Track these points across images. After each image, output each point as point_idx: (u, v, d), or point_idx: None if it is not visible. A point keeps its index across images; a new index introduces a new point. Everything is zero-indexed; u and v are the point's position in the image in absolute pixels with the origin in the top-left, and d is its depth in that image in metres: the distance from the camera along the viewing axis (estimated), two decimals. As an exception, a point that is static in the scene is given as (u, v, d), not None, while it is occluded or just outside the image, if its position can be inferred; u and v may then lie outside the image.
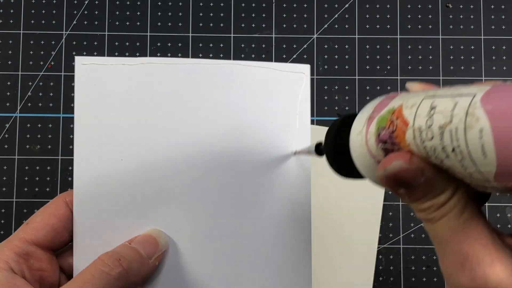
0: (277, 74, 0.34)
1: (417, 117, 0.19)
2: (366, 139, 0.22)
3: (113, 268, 0.29)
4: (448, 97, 0.18)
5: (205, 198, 0.33)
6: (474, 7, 0.50)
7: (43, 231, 0.31)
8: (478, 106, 0.17)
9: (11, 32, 0.49)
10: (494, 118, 0.16)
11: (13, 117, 0.48)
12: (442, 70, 0.49)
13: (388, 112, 0.21)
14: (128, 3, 0.49)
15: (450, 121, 0.17)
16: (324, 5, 0.50)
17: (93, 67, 0.33)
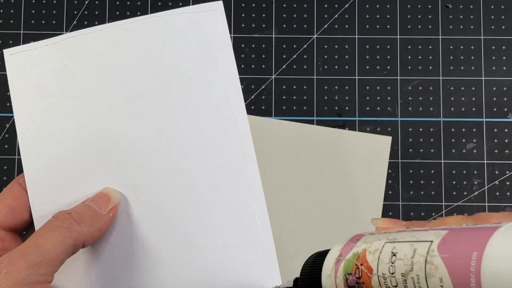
0: (189, 18, 0.34)
1: (380, 264, 0.20)
2: (336, 284, 0.22)
3: (64, 220, 0.30)
4: (408, 242, 0.19)
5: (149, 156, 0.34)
6: (474, 7, 0.50)
7: (1, 212, 0.32)
8: (436, 254, 0.17)
9: (11, 32, 0.49)
10: (452, 267, 0.17)
11: (13, 117, 0.48)
12: (442, 70, 0.49)
13: (353, 257, 0.21)
14: (128, 3, 0.49)
15: (411, 269, 0.18)
16: (324, 5, 0.50)
17: (21, 55, 0.35)
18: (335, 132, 0.48)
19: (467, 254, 0.16)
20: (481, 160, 0.48)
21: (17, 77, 0.34)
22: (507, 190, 0.48)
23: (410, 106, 0.49)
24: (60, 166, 0.34)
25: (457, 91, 0.49)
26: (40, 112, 0.34)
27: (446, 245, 0.17)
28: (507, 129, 0.48)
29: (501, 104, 0.49)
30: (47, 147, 0.34)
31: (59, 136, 0.34)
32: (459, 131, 0.48)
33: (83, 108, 0.34)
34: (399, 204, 0.47)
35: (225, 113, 0.34)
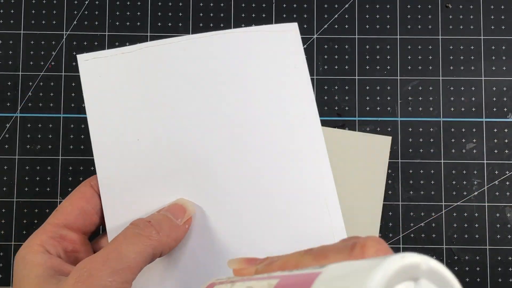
0: (267, 35, 0.35)
1: None
2: None
3: (144, 228, 0.29)
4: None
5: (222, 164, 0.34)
6: (473, 7, 0.50)
7: (72, 214, 0.32)
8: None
9: (11, 32, 0.49)
10: None
11: (14, 117, 0.48)
12: (442, 70, 0.49)
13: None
14: (128, 3, 0.49)
15: None
16: (324, 5, 0.50)
17: (95, 61, 0.35)
18: (335, 132, 0.48)
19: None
20: (481, 160, 0.48)
21: (91, 83, 0.34)
22: (506, 190, 0.48)
23: (410, 106, 0.49)
24: (134, 174, 0.34)
25: (457, 91, 0.49)
26: (115, 119, 0.34)
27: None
28: (507, 129, 0.48)
29: (501, 104, 0.49)
30: (122, 155, 0.34)
31: (135, 144, 0.34)
32: (459, 131, 0.48)
33: (159, 118, 0.34)
34: (399, 204, 0.47)
35: (301, 128, 0.34)
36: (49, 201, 0.47)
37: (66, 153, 0.48)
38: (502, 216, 0.47)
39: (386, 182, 0.47)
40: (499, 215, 0.47)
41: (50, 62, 0.48)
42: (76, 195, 0.33)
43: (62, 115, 0.48)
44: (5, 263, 0.46)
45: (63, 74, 0.48)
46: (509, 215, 0.48)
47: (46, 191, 0.47)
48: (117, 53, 0.34)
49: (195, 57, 0.34)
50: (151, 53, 0.34)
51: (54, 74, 0.48)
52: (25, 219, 0.47)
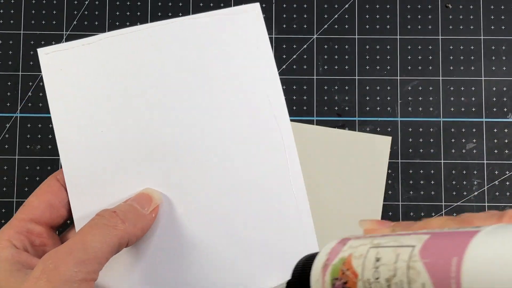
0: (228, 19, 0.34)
1: (365, 269, 0.20)
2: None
3: (109, 218, 0.30)
4: (391, 247, 0.19)
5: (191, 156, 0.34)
6: (473, 7, 0.50)
7: (39, 208, 0.32)
8: (418, 259, 0.17)
9: (11, 32, 0.49)
10: (434, 273, 0.17)
11: (14, 117, 0.48)
12: (442, 70, 0.49)
13: (340, 262, 0.21)
14: (128, 3, 0.49)
15: (395, 274, 0.18)
16: (324, 5, 0.50)
17: (56, 54, 0.34)
18: (334, 132, 0.48)
19: (447, 259, 0.16)
20: (481, 160, 0.48)
21: (53, 77, 0.34)
22: (507, 190, 0.48)
23: (410, 106, 0.49)
24: (100, 166, 0.34)
25: (457, 91, 0.49)
26: (78, 111, 0.34)
27: (428, 250, 0.18)
28: (507, 129, 0.48)
29: (501, 104, 0.49)
30: (86, 147, 0.34)
31: (99, 136, 0.34)
32: (459, 131, 0.48)
33: (123, 108, 0.34)
34: (399, 204, 0.47)
35: (266, 111, 0.34)
36: (49, 201, 0.47)
37: (66, 153, 0.48)
38: (502, 216, 0.47)
39: (386, 182, 0.47)
40: (499, 215, 0.47)
41: (50, 62, 0.48)
42: (43, 189, 0.33)
43: (62, 115, 0.48)
44: (5, 263, 0.46)
45: (63, 74, 0.48)
46: (509, 215, 0.47)
47: (46, 191, 0.47)
48: (77, 45, 0.34)
49: (156, 46, 0.34)
50: (112, 43, 0.34)
51: (54, 74, 0.48)
52: (25, 219, 0.47)
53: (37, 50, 0.34)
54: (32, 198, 0.33)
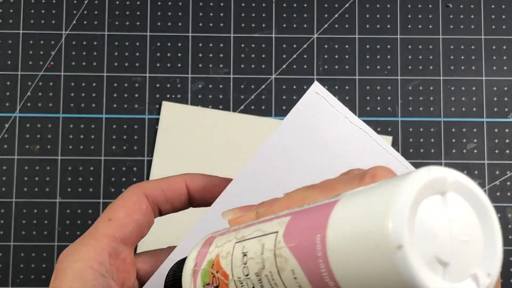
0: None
1: (234, 267, 0.18)
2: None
3: None
4: (255, 238, 0.18)
5: None
6: (474, 7, 0.49)
7: (129, 227, 0.27)
8: (283, 245, 0.16)
9: (10, 32, 0.49)
10: (300, 256, 0.15)
11: (13, 117, 0.48)
12: (442, 70, 0.49)
13: (208, 265, 0.20)
14: (127, 3, 0.49)
15: (263, 266, 0.17)
16: (324, 5, 0.50)
17: (322, 100, 0.31)
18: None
19: (311, 239, 0.15)
20: (481, 160, 0.48)
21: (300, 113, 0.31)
22: (507, 191, 0.47)
23: (410, 106, 0.48)
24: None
25: (457, 91, 0.49)
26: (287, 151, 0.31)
27: (290, 233, 0.16)
28: (507, 129, 0.48)
29: (501, 104, 0.48)
30: None
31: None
32: (459, 131, 0.48)
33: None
34: (400, 204, 0.47)
35: None
36: (48, 201, 0.47)
37: (65, 153, 0.47)
38: (503, 217, 0.47)
39: (387, 182, 0.47)
40: (500, 216, 0.47)
41: (49, 62, 0.48)
42: (132, 206, 0.28)
43: (61, 115, 0.48)
44: (5, 263, 0.46)
45: (62, 74, 0.48)
46: (510, 216, 0.47)
47: (45, 191, 0.47)
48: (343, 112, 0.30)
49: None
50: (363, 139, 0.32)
51: (53, 74, 0.48)
52: (24, 220, 0.47)
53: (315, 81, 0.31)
54: (119, 213, 0.28)
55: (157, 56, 0.49)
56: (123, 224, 0.27)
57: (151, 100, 0.48)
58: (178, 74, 0.49)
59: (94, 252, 0.25)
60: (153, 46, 0.49)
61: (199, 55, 0.49)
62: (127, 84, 0.48)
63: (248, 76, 0.49)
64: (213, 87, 0.48)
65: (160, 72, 0.49)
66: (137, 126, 0.48)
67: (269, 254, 0.17)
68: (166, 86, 0.48)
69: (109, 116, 0.48)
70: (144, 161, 0.48)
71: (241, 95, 0.48)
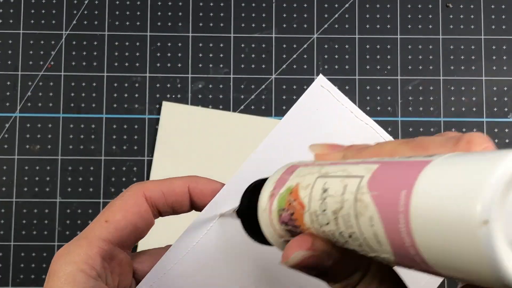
0: None
1: (312, 200, 0.18)
2: (271, 219, 0.21)
3: None
4: (339, 178, 0.18)
5: None
6: (474, 7, 0.49)
7: (126, 230, 0.27)
8: (365, 191, 0.16)
9: (10, 32, 0.49)
10: (382, 206, 0.15)
11: (13, 117, 0.48)
12: (442, 70, 0.49)
13: (287, 192, 0.20)
14: (128, 3, 0.49)
15: (342, 206, 0.17)
16: (324, 5, 0.50)
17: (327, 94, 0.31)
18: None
19: (396, 192, 0.15)
20: (481, 160, 0.48)
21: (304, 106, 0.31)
22: (507, 190, 0.48)
23: (410, 106, 0.48)
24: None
25: (457, 91, 0.49)
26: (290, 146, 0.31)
27: (376, 182, 0.16)
28: (507, 129, 0.48)
29: (501, 104, 0.48)
30: None
31: None
32: (459, 131, 0.48)
33: None
34: (400, 204, 0.47)
35: None
36: (48, 201, 0.47)
37: (65, 153, 0.47)
38: (503, 217, 0.47)
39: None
40: (500, 216, 0.47)
41: (50, 62, 0.48)
42: (131, 208, 0.27)
43: (61, 115, 0.48)
44: (5, 263, 0.46)
45: (62, 74, 0.48)
46: (510, 216, 0.47)
47: (45, 191, 0.47)
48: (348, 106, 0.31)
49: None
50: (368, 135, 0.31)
51: (53, 74, 0.48)
52: (24, 219, 0.47)
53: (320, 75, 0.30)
54: (117, 215, 0.27)
55: (157, 56, 0.49)
56: (120, 227, 0.27)
57: (151, 100, 0.48)
58: (178, 74, 0.49)
59: (86, 255, 0.25)
60: (153, 46, 0.49)
61: (199, 55, 0.49)
62: (127, 84, 0.48)
63: (248, 76, 0.49)
64: (213, 87, 0.48)
65: (160, 72, 0.49)
66: (137, 126, 0.48)
67: (350, 197, 0.17)
68: (166, 86, 0.48)
69: (109, 116, 0.48)
70: (144, 161, 0.48)
71: (241, 95, 0.48)
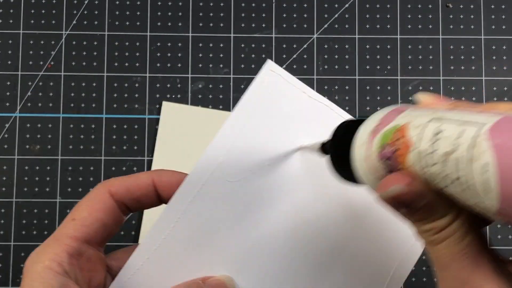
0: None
1: (422, 140, 0.18)
2: (370, 152, 0.21)
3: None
4: (456, 123, 0.18)
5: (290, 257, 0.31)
6: (474, 7, 0.49)
7: (92, 227, 0.28)
8: (485, 138, 0.16)
9: (10, 32, 0.49)
10: (501, 154, 0.15)
11: (13, 117, 0.48)
12: (442, 70, 0.49)
13: (394, 128, 0.20)
14: (128, 3, 0.49)
15: (455, 149, 0.17)
16: (324, 5, 0.50)
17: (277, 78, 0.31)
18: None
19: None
20: (481, 160, 0.48)
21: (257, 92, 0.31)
22: (507, 190, 0.48)
23: (410, 106, 0.48)
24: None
25: (457, 91, 0.49)
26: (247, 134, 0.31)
27: (499, 130, 0.16)
28: (507, 129, 0.48)
29: (501, 104, 0.48)
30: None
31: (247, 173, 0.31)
32: (459, 131, 0.48)
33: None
34: (400, 204, 0.47)
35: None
36: (48, 201, 0.47)
37: (65, 153, 0.47)
38: (503, 217, 0.47)
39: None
40: (500, 216, 0.47)
41: (50, 62, 0.48)
42: (95, 204, 0.28)
43: (61, 115, 0.48)
44: (5, 263, 0.46)
45: (62, 74, 0.48)
46: (510, 216, 0.47)
47: (45, 191, 0.47)
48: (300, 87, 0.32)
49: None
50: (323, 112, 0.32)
51: (53, 74, 0.48)
52: (24, 220, 0.47)
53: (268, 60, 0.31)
54: (83, 213, 0.28)
55: (157, 56, 0.49)
56: (86, 224, 0.28)
57: (151, 100, 0.48)
58: (178, 74, 0.49)
59: (53, 253, 0.26)
60: (153, 46, 0.49)
61: (199, 55, 0.49)
62: (127, 84, 0.48)
63: (248, 76, 0.49)
64: (213, 87, 0.48)
65: (160, 72, 0.49)
66: (137, 126, 0.48)
67: (467, 141, 0.16)
68: (166, 86, 0.48)
69: (109, 116, 0.48)
70: (144, 161, 0.48)
71: (241, 95, 0.48)
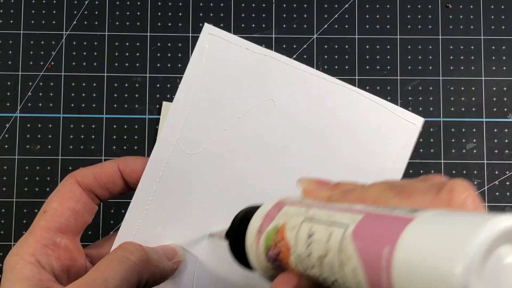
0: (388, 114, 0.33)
1: (298, 243, 0.19)
2: (258, 253, 0.22)
3: (134, 252, 0.28)
4: (325, 224, 0.18)
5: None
6: (474, 7, 0.50)
7: (63, 215, 0.29)
8: (350, 241, 0.16)
9: (11, 32, 0.49)
10: (365, 259, 0.16)
11: (13, 117, 0.48)
12: (442, 70, 0.49)
13: (274, 230, 0.21)
14: (128, 3, 0.49)
15: (327, 253, 0.17)
16: (324, 5, 0.50)
17: (218, 40, 0.32)
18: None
19: (379, 247, 0.15)
20: (481, 160, 0.48)
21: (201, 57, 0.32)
22: (507, 190, 0.48)
23: (410, 106, 0.49)
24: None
25: (457, 91, 0.49)
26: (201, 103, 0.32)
27: (360, 233, 0.16)
28: (507, 129, 0.48)
29: (501, 104, 0.49)
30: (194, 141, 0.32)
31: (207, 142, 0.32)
32: (459, 131, 0.48)
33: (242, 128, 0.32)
34: (399, 204, 0.47)
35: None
36: (49, 201, 0.47)
37: (65, 153, 0.48)
38: (502, 216, 0.47)
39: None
40: (499, 215, 0.47)
41: (50, 62, 0.48)
42: (64, 194, 0.30)
43: (61, 115, 0.48)
44: (5, 263, 0.46)
45: (62, 74, 0.48)
46: (509, 215, 0.47)
47: (45, 191, 0.47)
48: (242, 45, 0.32)
49: (310, 93, 0.32)
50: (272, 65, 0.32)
51: (53, 74, 0.48)
52: (24, 219, 0.47)
53: (205, 24, 0.32)
54: (53, 204, 0.29)
55: (157, 56, 0.49)
56: (57, 214, 0.29)
57: (151, 100, 0.48)
58: (178, 74, 0.49)
59: (27, 245, 0.27)
60: (153, 46, 0.49)
61: (199, 55, 0.49)
62: (127, 84, 0.48)
63: (248, 76, 0.49)
64: (213, 87, 0.49)
65: (160, 72, 0.49)
66: (137, 126, 0.48)
67: (335, 246, 0.17)
68: (166, 86, 0.48)
69: (110, 116, 0.48)
70: (145, 161, 0.48)
71: (241, 95, 0.49)
